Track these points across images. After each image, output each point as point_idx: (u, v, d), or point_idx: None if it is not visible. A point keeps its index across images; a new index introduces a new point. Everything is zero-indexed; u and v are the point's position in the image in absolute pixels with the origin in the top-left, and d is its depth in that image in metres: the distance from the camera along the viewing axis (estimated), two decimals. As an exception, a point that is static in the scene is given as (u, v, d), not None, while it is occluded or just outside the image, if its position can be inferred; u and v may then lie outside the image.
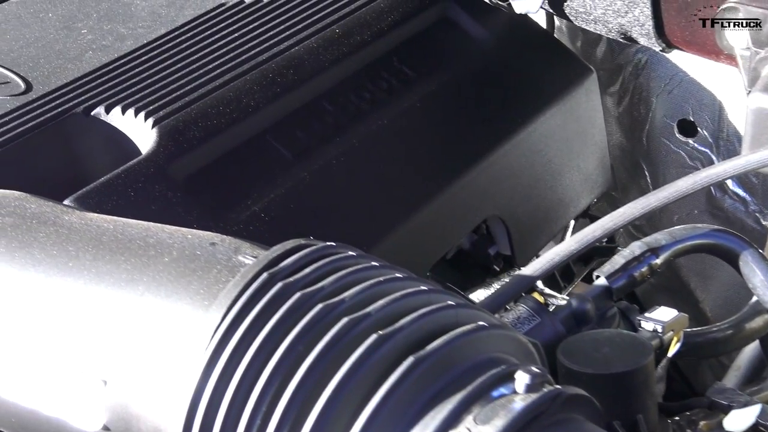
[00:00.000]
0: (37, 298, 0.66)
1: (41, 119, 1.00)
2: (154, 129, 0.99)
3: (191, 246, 0.66)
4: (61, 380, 0.65)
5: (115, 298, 0.64)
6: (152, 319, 0.62)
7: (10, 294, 0.67)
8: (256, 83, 1.07)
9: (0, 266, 0.67)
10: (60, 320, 0.65)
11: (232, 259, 0.65)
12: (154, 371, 0.61)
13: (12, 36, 1.14)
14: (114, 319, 0.64)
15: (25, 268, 0.67)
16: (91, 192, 0.91)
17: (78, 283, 0.65)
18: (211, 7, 1.19)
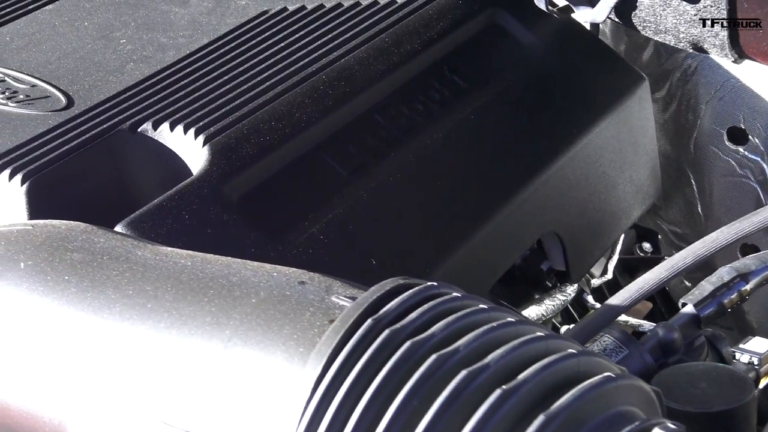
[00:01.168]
0: (113, 342, 0.61)
1: (86, 137, 0.95)
2: (206, 147, 0.94)
3: (279, 285, 0.62)
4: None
5: (199, 344, 0.59)
6: (242, 370, 0.58)
7: (84, 338, 0.62)
8: (307, 96, 1.02)
9: (72, 307, 0.62)
10: (139, 367, 0.60)
11: (325, 300, 0.61)
12: (244, 430, 0.56)
13: (48, 47, 1.09)
14: (199, 367, 0.59)
15: (99, 309, 0.62)
16: (145, 215, 0.86)
17: (158, 326, 0.61)
18: (253, 14, 1.15)
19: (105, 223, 0.94)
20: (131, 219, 0.86)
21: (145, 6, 1.16)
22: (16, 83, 1.02)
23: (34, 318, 0.63)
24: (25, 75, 1.04)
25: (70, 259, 0.64)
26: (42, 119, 0.97)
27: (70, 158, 0.93)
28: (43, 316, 0.63)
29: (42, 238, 0.66)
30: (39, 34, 1.11)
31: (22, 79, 1.03)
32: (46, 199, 0.91)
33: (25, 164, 0.91)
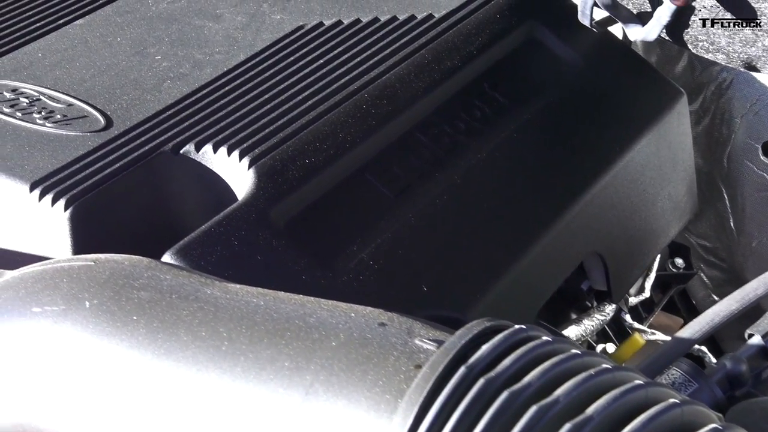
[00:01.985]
0: (187, 388, 0.59)
1: (128, 159, 0.92)
2: (251, 170, 0.92)
3: (359, 327, 0.60)
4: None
5: (279, 390, 0.57)
6: (325, 418, 0.55)
7: (156, 383, 0.59)
8: (350, 116, 1.00)
9: (142, 349, 0.60)
10: (216, 415, 0.58)
11: (408, 344, 0.58)
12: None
13: (81, 63, 1.06)
14: (280, 415, 0.57)
15: (171, 352, 0.60)
16: (194, 243, 0.84)
17: (235, 370, 0.58)
18: (289, 30, 1.12)
19: (148, 248, 0.92)
20: (180, 247, 0.83)
21: (178, 21, 1.14)
22: (52, 102, 0.99)
23: (102, 360, 0.61)
24: (61, 93, 1.01)
25: (137, 297, 0.62)
26: (81, 140, 0.94)
27: (112, 182, 0.90)
28: (112, 358, 0.61)
29: (106, 275, 0.64)
30: (71, 50, 1.09)
31: (57, 98, 1.00)
32: (90, 224, 0.88)
33: (68, 188, 0.89)
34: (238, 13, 1.15)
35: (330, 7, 1.16)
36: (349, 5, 1.16)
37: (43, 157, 0.92)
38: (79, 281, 0.64)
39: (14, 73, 1.05)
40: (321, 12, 1.15)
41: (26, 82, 1.03)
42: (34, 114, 0.98)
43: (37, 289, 0.64)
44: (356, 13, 1.15)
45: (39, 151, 0.93)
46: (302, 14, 1.15)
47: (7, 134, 0.95)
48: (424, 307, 0.89)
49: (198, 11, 1.16)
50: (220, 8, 1.16)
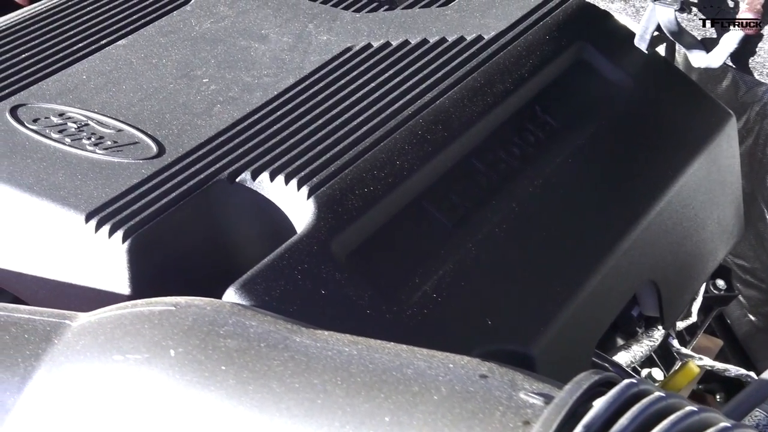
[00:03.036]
0: (282, 442, 0.57)
1: (184, 188, 0.90)
2: (311, 200, 0.90)
3: (460, 379, 0.57)
4: None
5: (381, 446, 0.55)
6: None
7: (249, 436, 0.57)
8: (406, 142, 0.98)
9: (233, 401, 0.58)
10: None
11: (513, 398, 0.56)
12: None
13: (128, 86, 1.04)
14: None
15: (264, 405, 0.58)
16: (257, 278, 0.82)
17: (333, 425, 0.56)
18: (337, 51, 1.10)
19: (205, 280, 0.90)
20: (243, 282, 0.81)
21: (223, 42, 1.12)
22: (101, 127, 0.97)
23: (190, 413, 0.58)
24: (109, 118, 0.99)
25: (224, 346, 0.60)
26: (134, 168, 0.92)
27: (169, 212, 0.88)
28: (201, 410, 0.58)
29: (189, 321, 0.62)
30: (116, 72, 1.06)
31: (106, 123, 0.98)
32: (148, 255, 0.86)
33: (125, 219, 0.86)
34: (283, 34, 1.13)
35: (377, 28, 1.14)
36: (396, 26, 1.14)
37: (96, 185, 0.90)
38: (161, 328, 0.62)
39: (59, 96, 1.02)
40: (368, 33, 1.13)
41: (73, 106, 1.01)
42: (84, 140, 0.95)
43: (118, 335, 0.62)
44: (404, 34, 1.13)
45: (92, 179, 0.91)
46: (349, 35, 1.13)
47: (57, 161, 0.93)
48: (490, 341, 0.87)
49: (242, 31, 1.13)
50: (265, 28, 1.14)
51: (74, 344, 0.62)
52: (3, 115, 0.99)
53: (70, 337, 0.63)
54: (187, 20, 1.16)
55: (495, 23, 1.15)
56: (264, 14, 1.17)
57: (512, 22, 1.16)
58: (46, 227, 0.88)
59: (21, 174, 0.91)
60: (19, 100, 1.02)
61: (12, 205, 0.90)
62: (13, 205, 0.90)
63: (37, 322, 0.64)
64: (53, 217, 0.88)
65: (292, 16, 1.16)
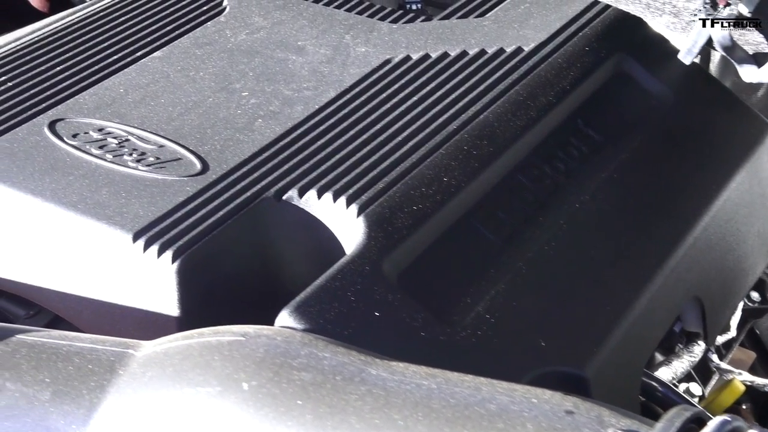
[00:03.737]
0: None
1: (231, 206, 0.89)
2: (360, 218, 0.88)
3: (545, 415, 0.56)
4: None
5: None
6: None
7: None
8: (452, 158, 0.96)
9: (311, 438, 0.56)
10: None
11: (602, 435, 0.55)
12: None
13: (167, 100, 1.02)
14: None
15: (343, 441, 0.56)
16: (310, 300, 0.80)
17: (416, 464, 0.55)
18: (376, 64, 1.08)
19: (251, 299, 0.88)
20: (298, 304, 0.79)
21: (260, 54, 1.10)
22: (142, 143, 0.95)
23: (267, 449, 0.57)
24: (150, 133, 0.97)
25: (299, 379, 0.58)
26: (178, 186, 0.90)
27: (218, 231, 0.86)
28: (278, 447, 0.57)
29: (260, 353, 0.60)
30: (154, 85, 1.04)
31: (147, 138, 0.96)
32: (197, 276, 0.85)
33: (173, 239, 0.85)
34: (320, 45, 1.11)
35: (415, 39, 1.12)
36: (435, 38, 1.13)
37: (141, 203, 0.88)
38: (232, 359, 0.60)
39: (97, 110, 1.01)
40: (406, 45, 1.12)
41: (112, 121, 0.99)
42: (125, 156, 0.94)
43: (187, 367, 0.60)
44: (443, 46, 1.11)
45: (136, 197, 0.89)
46: (387, 47, 1.11)
47: (100, 178, 0.91)
48: (543, 363, 0.86)
49: (279, 43, 1.12)
50: (302, 40, 1.12)
51: (141, 376, 0.61)
52: (42, 130, 0.97)
53: (136, 367, 0.62)
54: (222, 31, 1.14)
55: (534, 34, 1.14)
56: (299, 25, 1.15)
57: (551, 33, 1.14)
58: (92, 246, 0.87)
59: (64, 191, 0.89)
60: (57, 115, 1.00)
61: (55, 223, 0.88)
62: (56, 223, 0.88)
63: (100, 352, 0.63)
64: (99, 236, 0.86)
65: (327, 27, 1.15)
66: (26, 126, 0.98)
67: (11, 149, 0.95)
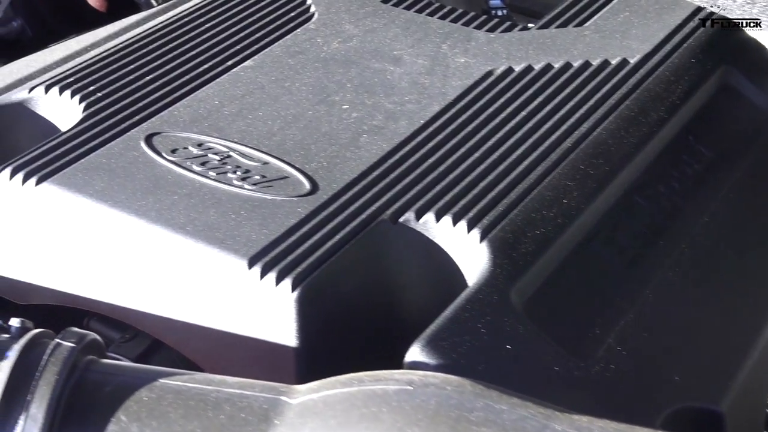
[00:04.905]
0: None
1: (347, 230, 0.84)
2: (483, 243, 0.84)
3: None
4: None
5: None
6: None
7: None
8: (569, 178, 0.92)
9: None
10: None
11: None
12: None
13: (265, 113, 0.98)
14: None
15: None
16: (441, 333, 0.76)
17: None
18: (477, 76, 1.04)
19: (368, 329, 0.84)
20: (429, 338, 0.75)
21: (356, 63, 1.05)
22: (246, 160, 0.91)
23: None
24: (252, 149, 0.93)
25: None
26: (289, 206, 0.86)
27: (337, 257, 0.82)
28: None
29: (432, 404, 0.56)
30: (249, 96, 1.00)
31: (250, 155, 0.92)
32: (317, 304, 0.80)
33: (291, 266, 0.80)
34: (417, 55, 1.07)
35: (515, 50, 1.08)
36: (536, 48, 1.08)
37: (252, 225, 0.84)
38: (402, 412, 0.56)
39: (194, 123, 0.96)
40: (507, 55, 1.07)
41: (210, 135, 0.94)
42: (229, 174, 0.89)
43: (352, 419, 0.56)
44: (545, 57, 1.07)
45: (246, 218, 0.85)
46: (487, 58, 1.07)
47: (206, 198, 0.87)
48: (680, 399, 0.81)
49: (374, 52, 1.07)
50: (397, 49, 1.08)
51: (300, 427, 0.57)
52: (138, 145, 0.93)
53: (293, 417, 0.57)
54: (314, 39, 1.09)
55: (638, 45, 1.09)
56: (393, 33, 1.11)
57: (656, 44, 1.10)
58: (202, 270, 0.82)
59: (169, 212, 0.85)
60: (152, 128, 0.95)
61: (162, 245, 0.84)
62: (163, 245, 0.84)
63: (251, 399, 0.58)
64: (210, 261, 0.82)
65: (423, 36, 1.10)
66: (121, 140, 0.94)
67: (109, 165, 0.90)
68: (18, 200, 0.89)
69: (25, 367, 0.59)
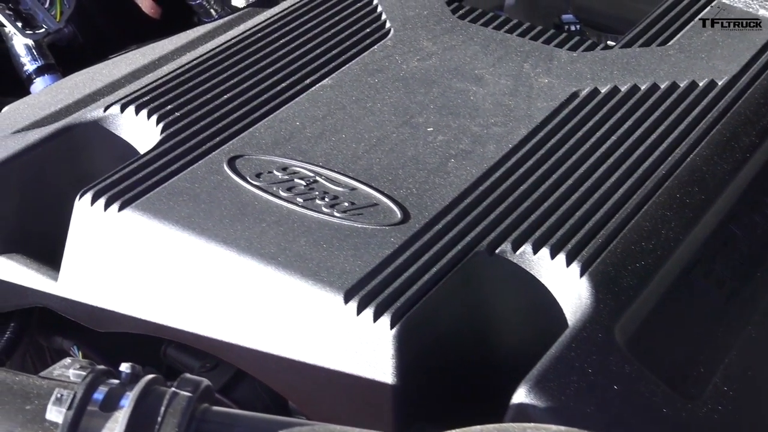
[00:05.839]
0: None
1: (444, 262, 0.81)
2: (584, 278, 0.81)
3: None
4: None
5: None
6: None
7: None
8: (666, 207, 0.89)
9: None
10: None
11: None
12: None
13: (348, 135, 0.95)
14: None
15: None
16: (549, 374, 0.73)
17: None
18: (563, 97, 1.01)
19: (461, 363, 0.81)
20: (537, 379, 0.73)
21: (437, 83, 1.03)
22: (332, 185, 0.88)
23: None
24: (338, 174, 0.90)
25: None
26: (381, 236, 0.83)
27: (435, 291, 0.79)
28: None
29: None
30: (331, 117, 0.97)
31: (336, 180, 0.89)
32: (415, 340, 0.78)
33: (388, 301, 0.78)
34: (499, 75, 1.04)
35: (599, 70, 1.05)
36: (620, 68, 1.05)
37: (345, 256, 0.81)
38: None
39: (276, 146, 0.94)
40: (591, 76, 1.04)
41: (294, 158, 0.92)
42: (317, 200, 0.87)
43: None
44: (630, 78, 1.04)
45: (338, 248, 0.82)
46: (571, 78, 1.04)
47: (295, 226, 0.84)
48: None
49: (454, 71, 1.04)
50: (478, 68, 1.05)
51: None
52: (221, 168, 0.90)
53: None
54: (392, 57, 1.07)
55: (725, 66, 1.06)
56: (473, 51, 1.08)
57: (743, 64, 1.07)
58: (294, 303, 0.80)
59: (259, 241, 0.83)
60: (234, 150, 0.93)
61: (253, 276, 0.81)
62: (253, 276, 0.81)
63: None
64: (304, 293, 0.79)
65: (503, 54, 1.07)
66: (204, 163, 0.91)
67: (193, 190, 0.88)
68: (100, 226, 0.87)
69: (143, 417, 0.57)
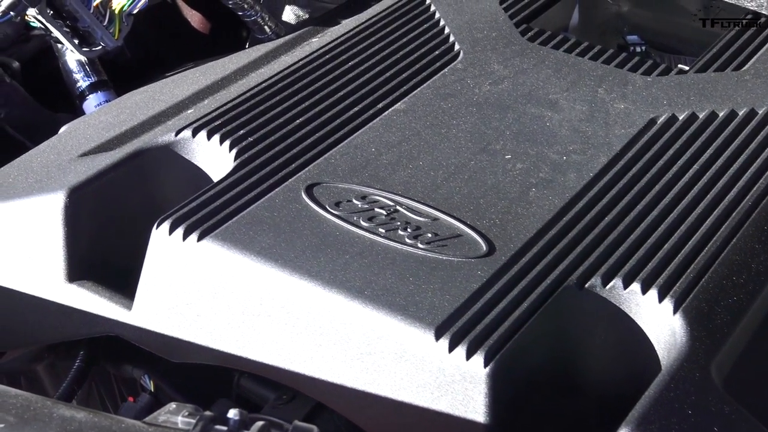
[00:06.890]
0: None
1: (534, 296, 0.80)
2: (678, 315, 0.79)
3: None
4: None
5: None
6: None
7: None
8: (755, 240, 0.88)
9: None
10: None
11: None
12: None
13: (425, 163, 0.93)
14: None
15: None
16: (649, 415, 0.72)
17: None
18: (640, 124, 0.99)
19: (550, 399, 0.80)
20: (639, 421, 0.71)
21: (512, 109, 1.01)
22: (413, 215, 0.87)
23: None
24: (419, 203, 0.88)
25: None
26: (467, 269, 0.81)
27: (525, 328, 0.77)
28: None
29: None
30: (406, 144, 0.96)
31: (418, 210, 0.87)
32: (508, 379, 0.76)
33: (481, 338, 0.76)
34: (574, 100, 1.02)
35: (676, 96, 1.03)
36: (697, 94, 1.03)
37: (433, 290, 0.80)
38: None
39: (353, 173, 0.92)
40: (668, 101, 1.02)
41: (373, 187, 0.90)
42: (400, 231, 0.85)
43: None
44: (707, 104, 1.02)
45: (425, 281, 0.80)
46: (647, 104, 1.02)
47: (379, 258, 0.83)
48: None
49: (528, 96, 1.03)
50: (552, 93, 1.03)
51: None
52: (299, 196, 0.89)
53: None
54: (463, 80, 1.05)
55: (802, 92, 1.04)
56: (545, 75, 1.06)
57: (824, 92, 1.05)
58: (382, 338, 0.78)
59: (344, 274, 0.81)
60: (310, 177, 0.91)
61: (338, 310, 0.79)
62: (339, 310, 0.79)
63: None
64: (392, 329, 0.77)
65: (576, 78, 1.05)
66: (281, 191, 0.90)
67: (272, 219, 0.86)
68: (179, 255, 0.86)
69: (257, 468, 0.55)
